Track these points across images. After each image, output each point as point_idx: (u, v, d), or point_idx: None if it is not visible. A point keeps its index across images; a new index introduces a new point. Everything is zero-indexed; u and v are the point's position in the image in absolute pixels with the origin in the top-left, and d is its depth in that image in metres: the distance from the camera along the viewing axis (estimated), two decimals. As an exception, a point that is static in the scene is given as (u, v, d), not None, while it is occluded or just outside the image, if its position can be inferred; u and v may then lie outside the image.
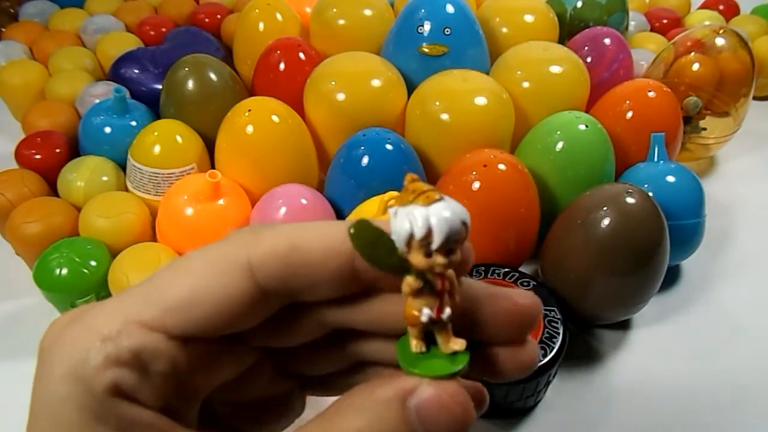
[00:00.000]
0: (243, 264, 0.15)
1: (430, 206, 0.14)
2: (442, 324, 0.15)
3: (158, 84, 0.49)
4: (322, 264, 0.15)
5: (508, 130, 0.43)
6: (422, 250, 0.14)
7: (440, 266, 0.14)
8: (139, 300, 0.15)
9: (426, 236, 0.14)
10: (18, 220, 0.39)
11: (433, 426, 0.14)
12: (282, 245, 0.15)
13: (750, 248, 0.46)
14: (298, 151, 0.42)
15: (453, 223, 0.14)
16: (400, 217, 0.14)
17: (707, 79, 0.50)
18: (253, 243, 0.15)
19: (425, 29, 0.44)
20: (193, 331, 0.15)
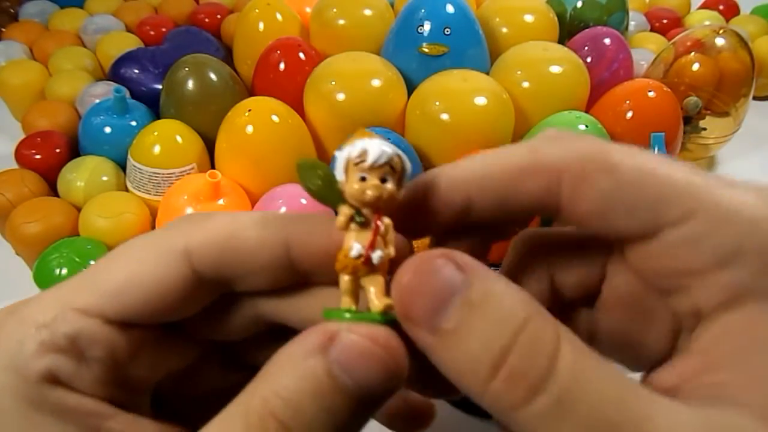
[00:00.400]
0: (180, 250, 0.15)
1: (370, 139, 0.14)
2: (373, 270, 0.14)
3: (158, 84, 0.49)
4: (256, 252, 0.15)
5: (508, 130, 0.43)
6: (356, 176, 0.14)
7: (372, 188, 0.14)
8: (76, 287, 0.15)
9: (360, 155, 0.14)
10: (18, 220, 0.39)
11: (360, 375, 0.13)
12: (220, 233, 0.15)
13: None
14: (298, 151, 0.42)
15: (388, 149, 0.14)
16: (340, 151, 0.15)
17: (707, 79, 0.50)
18: (193, 230, 0.15)
19: (425, 29, 0.44)
20: (130, 316, 0.15)
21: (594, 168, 0.14)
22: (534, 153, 0.15)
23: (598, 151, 0.14)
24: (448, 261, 0.13)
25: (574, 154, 0.14)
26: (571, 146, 0.14)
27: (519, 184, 0.15)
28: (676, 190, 0.13)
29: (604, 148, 0.14)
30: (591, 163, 0.14)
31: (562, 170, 0.14)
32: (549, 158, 0.14)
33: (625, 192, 0.14)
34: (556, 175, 0.14)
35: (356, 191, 0.14)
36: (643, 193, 0.14)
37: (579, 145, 0.14)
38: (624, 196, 0.14)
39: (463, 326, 0.13)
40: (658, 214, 0.14)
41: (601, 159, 0.14)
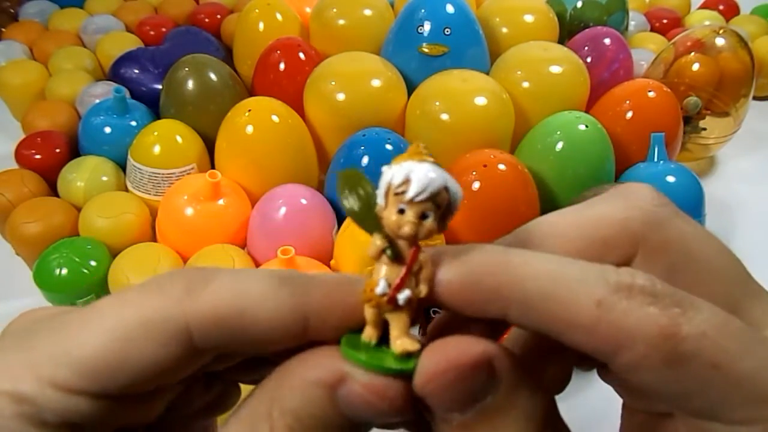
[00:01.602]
0: (178, 327, 0.13)
1: (419, 162, 0.13)
2: (398, 309, 0.13)
3: (158, 84, 0.49)
4: (268, 330, 0.14)
5: (508, 130, 0.43)
6: (396, 205, 0.13)
7: (409, 224, 0.13)
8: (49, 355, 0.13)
9: (402, 183, 0.13)
10: (18, 220, 0.39)
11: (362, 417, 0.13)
12: (225, 309, 0.13)
13: (750, 248, 0.46)
14: (298, 151, 0.42)
15: (434, 180, 0.13)
16: (387, 170, 0.13)
17: (707, 79, 0.50)
18: (191, 302, 0.13)
19: (425, 29, 0.44)
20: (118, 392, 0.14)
21: (657, 358, 0.12)
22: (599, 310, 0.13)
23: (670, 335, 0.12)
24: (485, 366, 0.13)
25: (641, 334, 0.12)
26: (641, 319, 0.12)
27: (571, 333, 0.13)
28: (743, 397, 0.12)
29: (678, 331, 0.12)
30: (655, 353, 0.12)
31: (621, 347, 0.13)
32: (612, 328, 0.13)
33: (687, 385, 0.13)
34: (614, 347, 0.13)
35: (392, 223, 0.13)
36: (707, 392, 0.13)
37: (649, 321, 0.12)
38: (683, 388, 0.13)
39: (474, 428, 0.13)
40: (715, 412, 0.13)
41: (669, 348, 0.12)
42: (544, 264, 0.13)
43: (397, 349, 0.13)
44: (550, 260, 0.14)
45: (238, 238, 0.40)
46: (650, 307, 0.12)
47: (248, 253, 0.39)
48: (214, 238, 0.39)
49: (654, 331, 0.12)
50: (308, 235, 0.38)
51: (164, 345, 0.13)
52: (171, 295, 0.14)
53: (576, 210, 0.16)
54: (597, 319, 0.13)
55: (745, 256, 0.45)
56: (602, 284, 0.13)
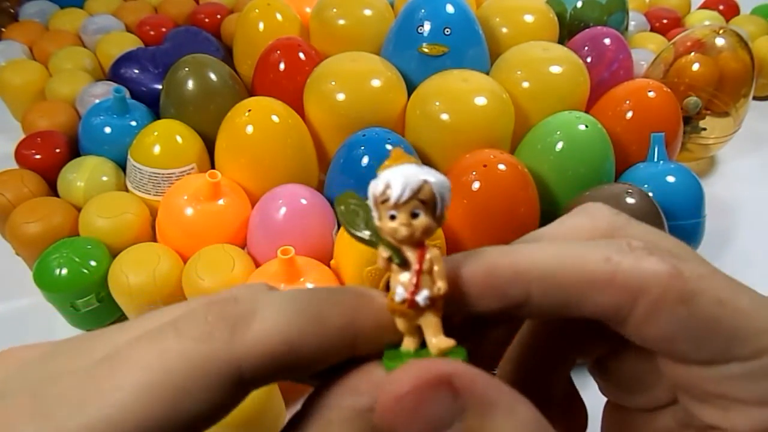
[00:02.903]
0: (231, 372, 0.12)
1: (397, 166, 0.13)
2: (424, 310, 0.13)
3: (158, 84, 0.49)
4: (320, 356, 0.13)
5: (508, 130, 0.43)
6: (385, 213, 0.13)
7: (402, 227, 0.13)
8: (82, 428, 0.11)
9: (383, 192, 0.13)
10: (18, 220, 0.39)
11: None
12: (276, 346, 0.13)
13: (750, 248, 0.46)
14: (298, 151, 0.42)
15: (410, 178, 0.13)
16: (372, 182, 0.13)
17: (707, 79, 0.50)
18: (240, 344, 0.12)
19: (425, 29, 0.44)
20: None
21: (672, 297, 0.13)
22: (609, 264, 0.14)
23: (676, 275, 0.14)
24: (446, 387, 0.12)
25: (653, 276, 0.14)
26: (649, 265, 0.14)
27: (590, 294, 0.14)
28: (752, 328, 0.13)
29: (681, 271, 0.14)
30: (669, 292, 0.13)
31: (638, 292, 0.14)
32: (627, 277, 0.14)
33: (699, 324, 0.14)
34: (631, 295, 0.14)
35: (389, 231, 0.13)
36: (717, 328, 0.13)
37: (656, 266, 0.14)
38: (698, 328, 0.14)
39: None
40: (729, 349, 0.14)
41: (679, 287, 0.13)
42: (550, 245, 0.15)
43: (434, 351, 0.13)
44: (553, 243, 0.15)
45: (238, 238, 0.40)
46: (651, 257, 0.14)
47: (248, 253, 0.39)
48: (214, 238, 0.39)
49: (663, 273, 0.13)
50: (308, 235, 0.38)
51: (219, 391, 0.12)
52: (217, 338, 0.12)
53: (551, 226, 0.17)
54: (610, 272, 0.14)
55: (745, 256, 0.46)
56: (605, 246, 0.14)
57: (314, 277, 0.35)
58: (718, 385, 0.14)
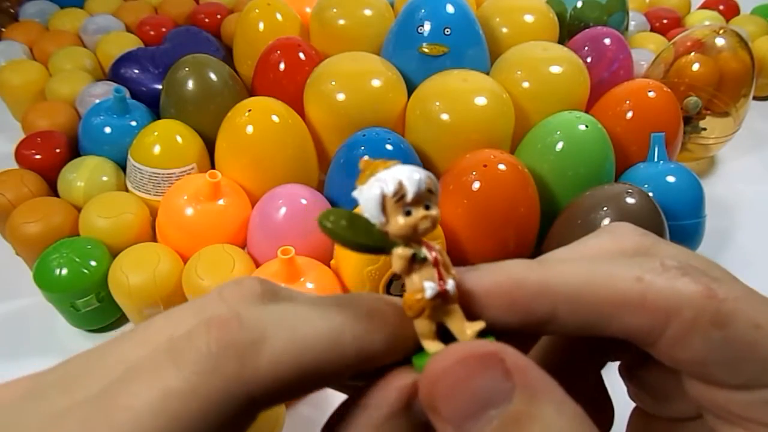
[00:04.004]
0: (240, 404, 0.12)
1: (391, 168, 0.13)
2: (450, 301, 0.13)
3: (158, 84, 0.49)
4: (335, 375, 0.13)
5: (508, 130, 0.43)
6: (399, 211, 0.13)
7: (424, 220, 0.13)
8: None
9: (398, 190, 0.13)
10: (18, 220, 0.39)
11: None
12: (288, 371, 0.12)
13: (750, 248, 0.46)
14: (298, 151, 0.42)
15: (418, 173, 0.13)
16: (365, 191, 0.13)
17: (707, 79, 0.50)
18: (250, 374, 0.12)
19: (425, 29, 0.44)
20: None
21: (705, 321, 0.13)
22: (642, 284, 0.13)
23: (710, 296, 0.13)
24: (497, 363, 0.12)
25: (686, 298, 0.13)
26: (682, 286, 0.13)
27: (619, 315, 0.13)
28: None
29: (716, 293, 0.13)
30: (703, 314, 0.13)
31: (671, 314, 0.13)
32: (659, 298, 0.13)
33: (734, 348, 0.13)
34: (663, 317, 0.13)
35: (406, 227, 0.13)
36: (754, 352, 0.13)
37: (690, 287, 0.13)
38: (733, 352, 0.13)
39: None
40: (761, 376, 0.13)
41: (714, 309, 0.13)
42: (578, 262, 0.14)
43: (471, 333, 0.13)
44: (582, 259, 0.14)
45: (238, 238, 0.40)
46: (684, 277, 0.13)
47: (248, 253, 0.39)
48: (214, 238, 0.39)
49: (697, 295, 0.13)
50: (308, 235, 0.38)
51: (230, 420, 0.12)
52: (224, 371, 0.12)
53: (572, 246, 0.16)
54: (642, 293, 0.13)
55: (746, 256, 0.46)
56: (637, 265, 0.14)
57: (314, 277, 0.35)
58: (748, 410, 0.13)
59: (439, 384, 0.12)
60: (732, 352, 0.13)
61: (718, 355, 0.13)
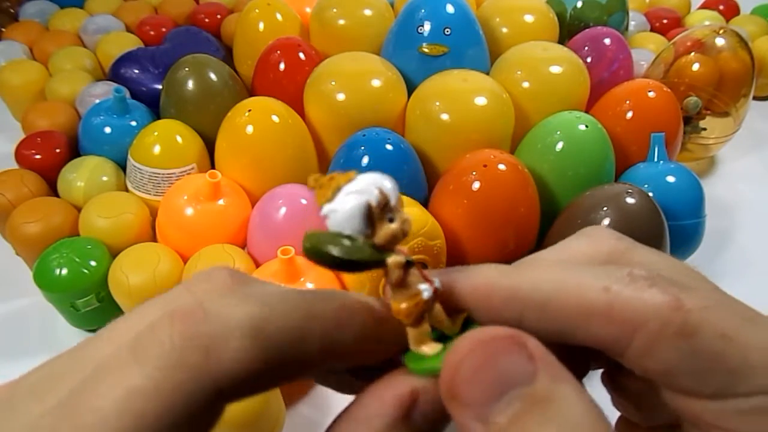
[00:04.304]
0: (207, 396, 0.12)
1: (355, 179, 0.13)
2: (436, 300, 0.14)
3: (158, 84, 0.49)
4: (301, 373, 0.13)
5: (508, 130, 0.43)
6: (385, 219, 0.13)
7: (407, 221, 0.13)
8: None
9: (382, 199, 0.13)
10: (18, 220, 0.39)
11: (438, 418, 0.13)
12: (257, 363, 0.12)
13: (750, 248, 0.46)
14: (298, 151, 0.42)
15: (386, 179, 0.13)
16: (341, 207, 0.13)
17: (707, 79, 0.50)
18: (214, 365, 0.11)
19: (425, 29, 0.44)
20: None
21: (672, 331, 0.13)
22: (608, 294, 0.13)
23: (677, 308, 0.13)
24: (520, 346, 0.12)
25: (652, 310, 0.13)
26: (648, 297, 0.13)
27: (586, 325, 0.14)
28: (756, 364, 0.13)
29: (683, 304, 0.13)
30: (669, 326, 0.13)
31: (637, 325, 0.13)
32: (625, 309, 0.13)
33: (701, 359, 0.13)
34: (629, 328, 0.13)
35: (396, 232, 0.13)
36: (721, 362, 0.13)
37: (656, 298, 0.13)
38: (700, 363, 0.13)
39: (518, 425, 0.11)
40: (730, 385, 0.13)
41: (680, 320, 0.13)
42: (550, 270, 0.14)
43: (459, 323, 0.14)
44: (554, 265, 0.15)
45: (238, 238, 0.40)
46: (652, 288, 0.13)
47: (248, 253, 0.39)
48: (214, 238, 0.39)
49: (663, 306, 0.13)
50: (308, 235, 0.38)
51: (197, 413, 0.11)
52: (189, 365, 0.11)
53: (551, 249, 0.16)
54: (609, 303, 0.13)
55: (746, 256, 0.46)
56: (605, 275, 0.14)
57: (314, 276, 0.35)
58: (720, 419, 0.13)
59: (461, 368, 0.12)
60: (699, 362, 0.13)
61: (685, 365, 0.13)
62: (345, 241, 0.13)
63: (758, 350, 0.13)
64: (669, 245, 0.37)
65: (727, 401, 0.13)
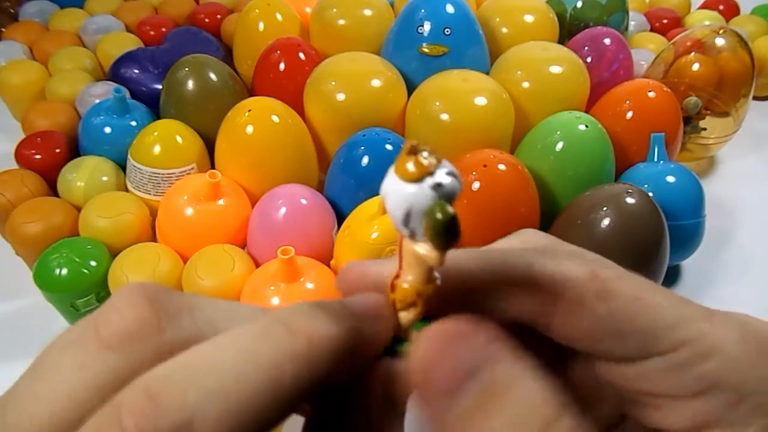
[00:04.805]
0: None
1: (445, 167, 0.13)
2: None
3: (158, 84, 0.49)
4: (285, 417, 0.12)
5: (508, 130, 0.43)
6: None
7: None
8: None
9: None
10: (18, 220, 0.39)
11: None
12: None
13: (750, 248, 0.46)
14: (298, 151, 0.42)
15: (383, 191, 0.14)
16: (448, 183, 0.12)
17: (707, 79, 0.50)
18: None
19: (425, 29, 0.44)
20: None
21: (591, 296, 0.14)
22: (532, 269, 0.15)
23: (593, 277, 0.14)
24: (477, 334, 0.12)
25: (572, 279, 0.14)
26: (567, 269, 0.15)
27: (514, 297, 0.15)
28: (666, 322, 0.14)
29: (598, 274, 0.14)
30: (587, 291, 0.14)
31: (558, 294, 0.14)
32: (548, 278, 0.15)
33: (618, 320, 0.14)
34: (552, 296, 0.14)
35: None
36: (635, 323, 0.14)
37: (575, 269, 0.15)
38: (617, 324, 0.14)
39: (483, 408, 0.12)
40: (647, 344, 0.14)
41: (597, 287, 0.14)
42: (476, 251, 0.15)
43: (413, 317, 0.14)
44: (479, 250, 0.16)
45: (238, 238, 0.40)
46: (571, 262, 0.15)
47: (248, 253, 0.39)
48: (214, 238, 0.39)
49: (581, 275, 0.14)
50: (308, 235, 0.38)
51: None
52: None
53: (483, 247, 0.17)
54: (533, 276, 0.15)
55: (746, 256, 0.46)
56: (530, 253, 0.15)
57: (314, 276, 0.35)
58: (645, 382, 0.14)
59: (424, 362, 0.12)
60: (617, 324, 0.14)
61: (604, 328, 0.14)
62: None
63: (667, 310, 0.14)
64: (669, 245, 0.37)
65: (647, 362, 0.14)
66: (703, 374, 0.14)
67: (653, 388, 0.14)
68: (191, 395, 0.10)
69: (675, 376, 0.14)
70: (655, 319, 0.14)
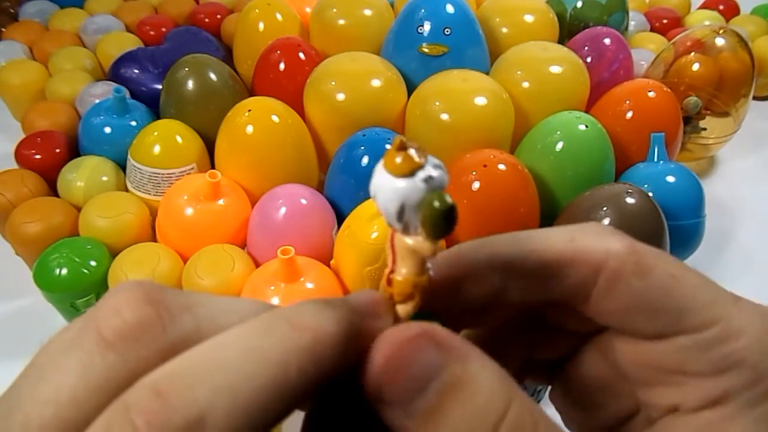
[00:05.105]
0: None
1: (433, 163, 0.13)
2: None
3: (158, 84, 0.49)
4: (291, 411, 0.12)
5: (508, 130, 0.43)
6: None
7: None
8: None
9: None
10: (18, 220, 0.39)
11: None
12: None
13: (750, 248, 0.46)
14: (298, 151, 0.42)
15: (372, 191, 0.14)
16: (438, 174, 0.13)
17: (707, 79, 0.50)
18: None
19: (425, 29, 0.44)
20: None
21: (631, 269, 0.15)
22: (574, 243, 0.15)
23: (633, 251, 0.15)
24: (429, 339, 0.12)
25: (613, 252, 0.15)
26: (609, 243, 0.15)
27: (558, 272, 0.15)
28: (700, 301, 0.14)
29: (638, 249, 0.15)
30: (626, 265, 0.15)
31: (599, 268, 0.15)
32: (590, 252, 0.15)
33: (653, 296, 0.15)
34: (594, 270, 0.15)
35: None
36: (669, 299, 0.14)
37: (615, 243, 0.15)
38: (652, 300, 0.15)
39: (440, 411, 0.12)
40: (680, 321, 0.14)
41: (636, 260, 0.15)
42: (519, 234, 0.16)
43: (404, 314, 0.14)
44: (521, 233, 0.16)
45: (238, 238, 0.40)
46: (611, 237, 0.15)
47: (248, 253, 0.39)
48: (214, 238, 0.39)
49: (621, 249, 0.15)
50: (308, 235, 0.38)
51: None
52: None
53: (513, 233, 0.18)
54: (573, 249, 0.15)
55: (746, 256, 0.46)
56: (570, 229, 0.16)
57: (314, 277, 0.35)
58: (671, 359, 0.15)
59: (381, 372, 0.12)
60: (651, 300, 0.15)
61: (639, 302, 0.15)
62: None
63: (701, 289, 0.15)
64: (669, 245, 0.37)
65: (676, 338, 0.15)
66: (729, 353, 0.14)
67: (678, 366, 0.15)
68: (200, 393, 0.10)
69: (702, 354, 0.14)
70: (689, 297, 0.14)
